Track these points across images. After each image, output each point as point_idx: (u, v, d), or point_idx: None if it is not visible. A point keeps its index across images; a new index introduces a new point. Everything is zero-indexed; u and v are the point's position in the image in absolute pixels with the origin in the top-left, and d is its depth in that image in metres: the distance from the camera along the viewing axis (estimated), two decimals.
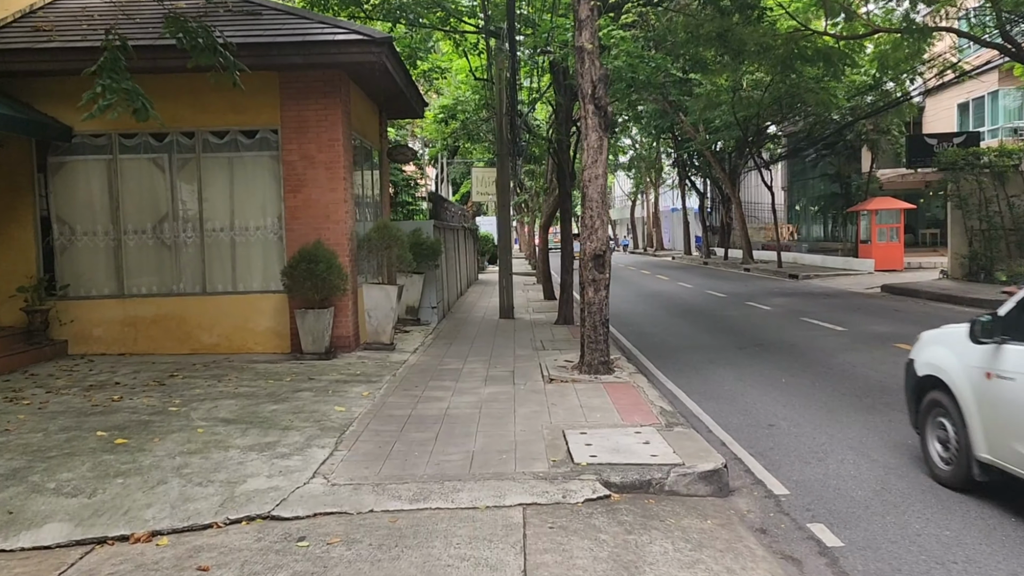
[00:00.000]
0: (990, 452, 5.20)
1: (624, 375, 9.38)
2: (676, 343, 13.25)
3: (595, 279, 9.36)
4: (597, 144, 9.29)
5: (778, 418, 7.94)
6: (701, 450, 6.13)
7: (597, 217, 9.35)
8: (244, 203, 11.31)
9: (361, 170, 13.15)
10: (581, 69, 9.25)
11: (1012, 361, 5.02)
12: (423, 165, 30.82)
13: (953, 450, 5.61)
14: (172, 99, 11.01)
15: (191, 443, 6.46)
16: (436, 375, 9.69)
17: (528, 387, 8.80)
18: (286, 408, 7.73)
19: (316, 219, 11.10)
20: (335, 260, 10.68)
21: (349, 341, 11.23)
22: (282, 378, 9.33)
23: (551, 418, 7.31)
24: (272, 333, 11.22)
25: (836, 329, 13.93)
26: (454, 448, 6.34)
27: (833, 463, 6.37)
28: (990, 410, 5.18)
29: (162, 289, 11.30)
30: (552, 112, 15.98)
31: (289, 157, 11.08)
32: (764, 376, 10.04)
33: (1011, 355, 5.04)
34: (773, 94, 26.84)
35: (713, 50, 18.58)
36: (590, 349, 9.37)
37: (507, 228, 16.72)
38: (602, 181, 9.35)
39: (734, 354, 11.78)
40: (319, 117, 11.02)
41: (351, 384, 9.00)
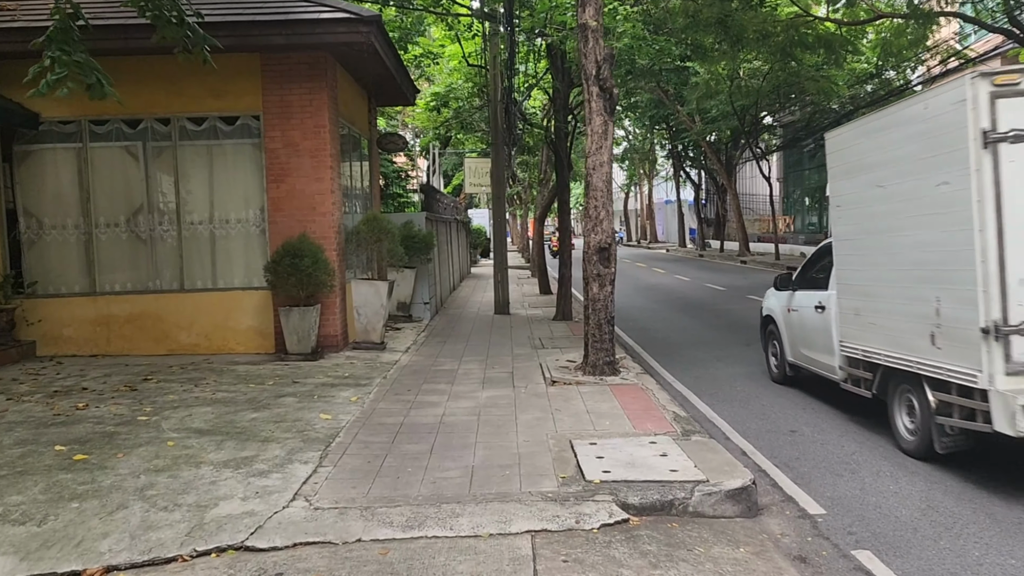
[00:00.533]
0: (792, 356, 8.79)
1: (631, 376, 8.78)
2: (680, 339, 12.67)
3: (600, 274, 8.76)
4: (601, 129, 8.67)
5: (799, 423, 7.36)
6: (725, 463, 5.54)
7: (602, 207, 8.73)
8: (224, 194, 10.64)
9: (349, 159, 12.48)
10: (584, 48, 8.61)
11: (797, 301, 8.69)
12: (414, 156, 30.11)
13: (778, 358, 9.12)
14: (146, 83, 10.34)
15: (159, 459, 5.82)
16: (430, 377, 9.07)
17: (529, 390, 8.19)
18: (267, 416, 7.09)
19: (301, 211, 10.44)
20: (321, 254, 10.03)
21: (337, 340, 10.59)
22: (264, 382, 8.69)
23: (556, 426, 6.71)
24: (255, 332, 10.57)
25: None
26: (451, 463, 5.73)
27: (868, 476, 5.79)
28: (789, 331, 8.82)
29: (137, 286, 10.62)
30: (549, 99, 15.34)
31: (272, 145, 10.41)
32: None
33: (798, 297, 8.70)
34: (772, 82, 26.25)
35: (712, 36, 17.97)
36: (594, 349, 8.77)
37: (502, 220, 16.09)
38: (607, 169, 8.73)
39: (742, 351, 11.21)
40: (303, 102, 10.35)
41: (338, 388, 8.37)
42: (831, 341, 7.63)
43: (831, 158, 7.68)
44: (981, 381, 5.27)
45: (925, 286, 5.93)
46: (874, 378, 6.86)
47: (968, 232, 5.31)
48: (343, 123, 11.61)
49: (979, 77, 5.25)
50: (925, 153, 5.86)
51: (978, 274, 5.25)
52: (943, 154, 5.62)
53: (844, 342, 7.32)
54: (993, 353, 5.18)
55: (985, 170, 5.23)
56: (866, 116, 7.12)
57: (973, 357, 5.33)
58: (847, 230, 7.35)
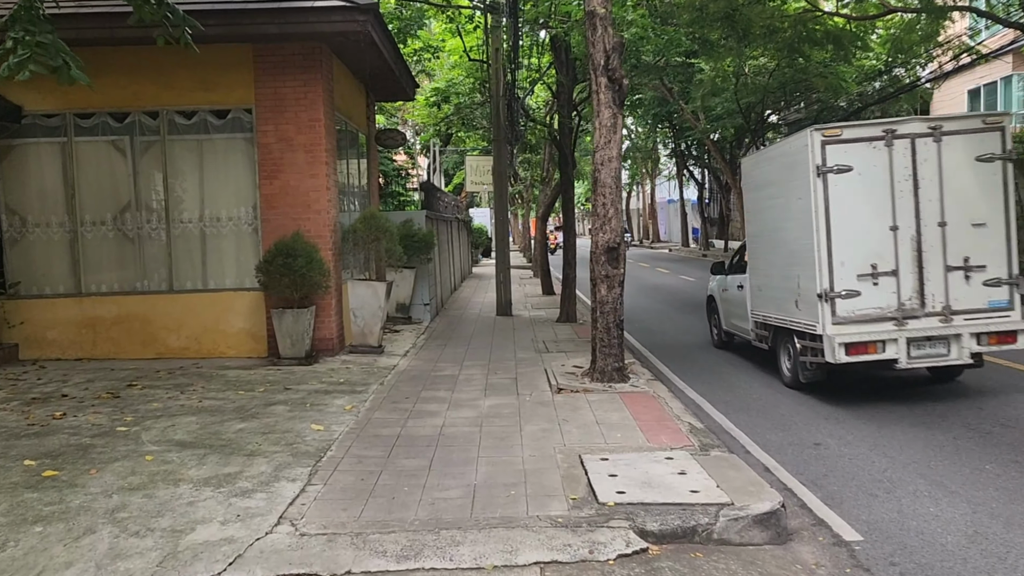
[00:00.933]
0: (725, 325, 11.14)
1: (641, 383, 8.33)
2: (689, 342, 12.21)
3: (608, 275, 8.30)
4: (610, 122, 8.21)
5: (823, 435, 6.91)
6: (750, 483, 5.08)
7: (611, 205, 8.28)
8: (215, 191, 10.19)
9: (346, 156, 12.03)
10: (592, 37, 8.16)
11: (728, 283, 11.04)
12: (415, 155, 29.65)
13: (718, 328, 11.58)
14: (133, 75, 9.90)
15: (135, 475, 5.37)
16: (429, 383, 8.62)
17: (534, 398, 7.74)
18: (255, 427, 6.64)
19: (295, 208, 9.99)
20: (316, 254, 9.58)
21: (332, 344, 10.14)
22: (254, 388, 8.23)
23: (564, 438, 6.26)
24: (247, 335, 10.12)
25: None
26: (452, 480, 5.27)
27: (905, 497, 5.33)
28: (723, 306, 11.25)
29: (124, 287, 10.17)
30: (553, 95, 14.87)
31: (265, 139, 9.96)
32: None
33: (728, 280, 11.00)
34: (779, 79, 25.78)
35: (719, 31, 17.53)
36: (603, 354, 8.32)
37: (504, 218, 15.64)
38: (616, 164, 8.28)
39: (756, 356, 10.74)
40: (298, 95, 9.90)
41: (333, 395, 7.92)
42: (747, 311, 9.99)
43: (744, 178, 10.52)
44: (819, 329, 7.75)
45: (793, 268, 8.32)
46: (769, 335, 9.28)
47: (811, 231, 7.75)
48: (339, 117, 11.16)
49: (815, 130, 7.73)
50: (790, 178, 8.34)
51: (816, 259, 7.72)
52: (798, 179, 8.07)
53: (753, 311, 9.77)
54: (825, 310, 7.68)
55: (819, 191, 7.68)
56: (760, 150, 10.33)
57: (815, 314, 7.80)
58: (753, 229, 9.86)
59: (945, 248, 7.62)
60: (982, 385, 8.36)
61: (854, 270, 7.62)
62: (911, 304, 7.59)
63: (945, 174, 7.60)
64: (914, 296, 7.59)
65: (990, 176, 7.68)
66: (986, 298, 7.67)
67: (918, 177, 7.59)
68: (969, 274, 7.64)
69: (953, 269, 7.63)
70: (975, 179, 7.65)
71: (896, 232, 7.59)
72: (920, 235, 7.60)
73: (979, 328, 7.61)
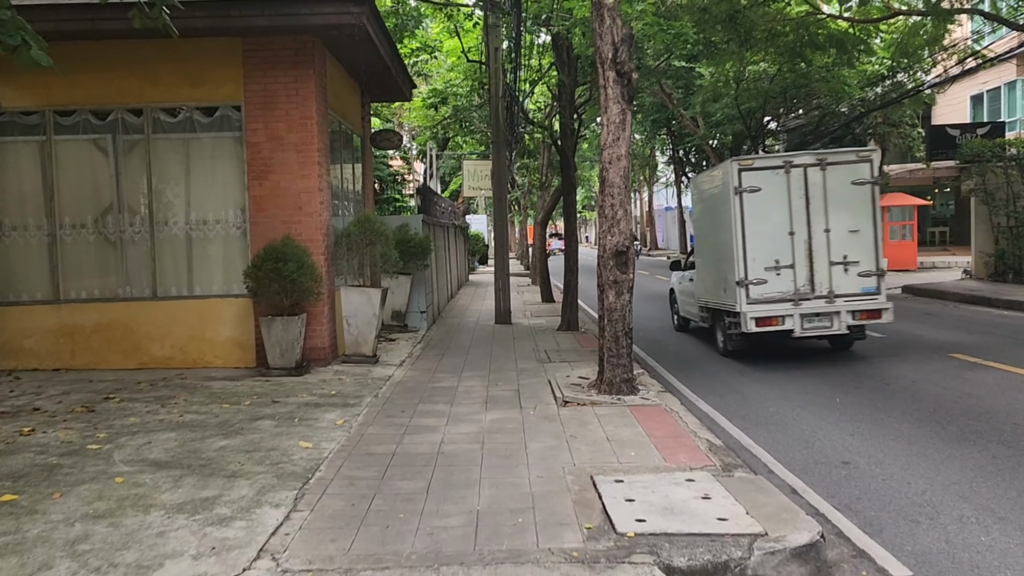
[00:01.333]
0: (682, 312, 13.52)
1: (651, 395, 7.84)
2: (696, 352, 11.73)
3: (616, 280, 7.82)
4: (619, 118, 7.75)
5: (851, 452, 6.42)
6: (782, 509, 4.60)
7: (619, 206, 7.81)
8: (202, 192, 9.71)
9: (340, 157, 11.57)
10: (600, 28, 7.71)
11: (683, 277, 13.27)
12: (411, 160, 29.19)
13: (677, 315, 13.92)
14: (116, 69, 9.44)
15: (102, 500, 4.87)
16: (427, 396, 8.13)
17: (539, 412, 7.25)
18: (238, 444, 6.14)
19: (286, 211, 9.51)
20: (307, 259, 9.10)
21: (324, 353, 9.64)
22: (240, 401, 7.73)
23: (573, 457, 5.77)
24: (234, 344, 9.62)
25: (873, 335, 12.44)
26: (452, 506, 4.78)
27: (951, 523, 4.85)
28: (679, 296, 13.57)
29: (105, 293, 9.67)
30: (553, 97, 14.44)
31: (254, 138, 9.49)
32: (811, 394, 8.54)
33: (684, 275, 13.17)
34: (780, 84, 25.40)
35: (721, 34, 17.16)
36: (611, 364, 7.83)
37: (504, 223, 15.18)
38: (625, 163, 7.82)
39: (767, 365, 10.28)
40: (289, 91, 9.43)
41: (323, 408, 7.42)
42: (693, 298, 12.44)
43: (692, 192, 14.03)
44: (738, 308, 10.02)
45: (722, 263, 10.57)
46: (709, 316, 11.67)
47: (732, 236, 10.04)
48: (333, 116, 10.69)
49: (734, 161, 10.16)
50: (720, 195, 10.69)
51: (736, 256, 10.00)
52: (725, 196, 10.35)
53: (699, 298, 12.06)
54: (742, 294, 9.97)
55: (737, 205, 10.01)
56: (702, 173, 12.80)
57: (736, 297, 10.06)
58: (698, 234, 12.36)
59: (829, 248, 10.01)
60: (1013, 401, 7.90)
61: (762, 264, 9.98)
62: (804, 289, 10.00)
63: (829, 194, 9.98)
64: (806, 283, 10.00)
65: (863, 195, 10.04)
66: (859, 285, 10.03)
67: (809, 196, 10.00)
68: (847, 267, 10.03)
69: (835, 264, 10.01)
70: (851, 197, 10.00)
71: (793, 236, 10.01)
72: (811, 238, 10.00)
73: (854, 307, 9.99)
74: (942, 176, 30.39)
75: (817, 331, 10.07)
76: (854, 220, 9.98)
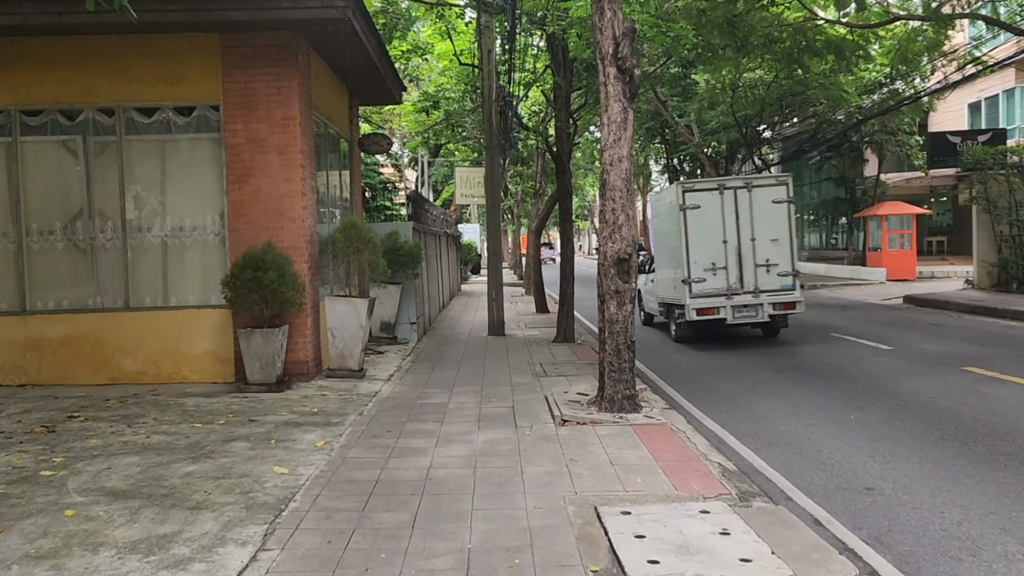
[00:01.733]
0: (647, 308, 15.50)
1: (655, 412, 7.34)
2: (698, 366, 11.24)
3: (618, 290, 7.34)
4: (620, 117, 7.28)
5: (873, 476, 5.93)
6: (811, 547, 4.11)
7: (621, 211, 7.33)
8: (178, 196, 9.20)
9: (326, 161, 11.07)
10: (600, 22, 7.25)
11: (649, 278, 14.98)
12: (402, 167, 28.70)
13: (643, 312, 15.69)
14: (86, 67, 8.93)
15: (47, 537, 4.33)
16: (415, 413, 7.60)
17: (536, 432, 6.74)
18: (207, 470, 5.60)
19: (267, 216, 9.00)
20: (289, 267, 8.58)
21: (307, 367, 9.11)
22: (214, 419, 7.19)
23: (574, 484, 5.26)
24: (212, 358, 9.08)
25: (880, 348, 11.99)
26: (440, 543, 4.26)
27: (996, 561, 4.35)
28: (644, 295, 15.47)
29: (74, 304, 9.13)
30: (548, 101, 13.99)
31: (233, 139, 8.98)
32: (824, 410, 8.06)
33: (647, 277, 15.05)
34: (777, 91, 25.06)
35: (718, 38, 16.79)
36: (612, 380, 7.33)
37: (497, 231, 14.69)
38: (627, 165, 7.34)
39: (772, 379, 9.81)
40: (270, 90, 8.94)
41: (304, 428, 6.89)
42: (655, 297, 14.31)
43: (652, 208, 16.30)
44: (684, 301, 12.17)
45: (673, 266, 12.65)
46: (666, 311, 13.53)
47: (680, 244, 12.16)
48: (318, 118, 10.20)
49: (679, 184, 12.62)
50: (669, 211, 12.89)
51: (683, 259, 12.13)
52: (673, 212, 12.53)
53: (658, 296, 14.00)
54: (686, 290, 12.10)
55: (682, 219, 12.14)
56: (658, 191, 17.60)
57: (683, 293, 12.17)
58: (656, 243, 14.45)
59: (755, 253, 12.29)
60: None
61: (702, 266, 12.13)
62: (735, 286, 12.22)
63: (754, 210, 12.27)
64: (737, 281, 12.23)
65: (781, 211, 12.36)
66: (779, 283, 12.33)
67: (738, 212, 12.26)
68: (768, 268, 12.33)
69: (759, 266, 12.30)
70: (772, 213, 12.31)
71: (726, 244, 12.25)
72: (740, 246, 12.26)
73: (774, 300, 12.32)
74: (939, 185, 30.11)
75: (745, 319, 12.40)
76: (774, 231, 12.33)
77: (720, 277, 12.14)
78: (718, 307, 12.10)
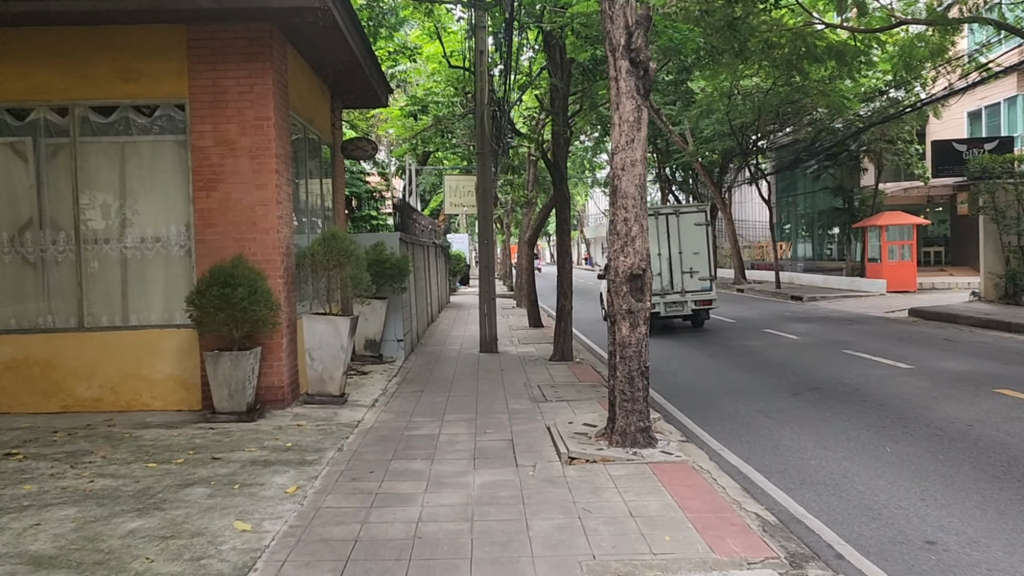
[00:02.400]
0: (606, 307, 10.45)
1: (672, 446, 6.52)
2: (707, 386, 10.45)
3: (631, 309, 6.53)
4: (633, 116, 6.50)
5: (930, 525, 5.13)
6: None
7: (634, 221, 6.53)
8: (139, 205, 8.34)
9: (305, 168, 10.23)
10: (611, 9, 6.47)
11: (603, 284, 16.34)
12: (389, 176, 27.84)
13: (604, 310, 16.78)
14: (37, 61, 8.06)
15: None
16: (402, 448, 6.75)
17: (540, 472, 5.90)
18: (153, 527, 4.73)
19: (238, 226, 8.15)
20: (261, 283, 7.73)
21: (283, 393, 8.25)
22: (173, 457, 6.32)
23: (591, 542, 4.43)
24: (176, 383, 8.20)
25: (898, 366, 11.25)
26: None
27: None
28: (604, 296, 16.29)
29: (22, 323, 8.23)
30: (542, 105, 13.22)
31: (201, 142, 8.13)
32: (855, 441, 7.27)
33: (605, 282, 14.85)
34: (775, 98, 24.45)
35: (718, 41, 16.17)
36: (624, 410, 6.51)
37: (489, 243, 13.89)
38: (641, 169, 6.55)
39: (791, 403, 9.02)
40: (242, 88, 8.10)
41: (273, 468, 6.02)
42: None
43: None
44: None
45: None
46: None
47: None
48: (296, 120, 9.37)
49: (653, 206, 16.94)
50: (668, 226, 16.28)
51: None
52: None
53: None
54: None
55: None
56: None
57: None
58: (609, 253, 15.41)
59: (682, 263, 15.68)
60: None
61: None
62: (667, 288, 15.60)
63: (681, 230, 15.71)
64: (668, 284, 15.62)
65: (701, 232, 15.84)
66: (700, 285, 15.69)
67: (669, 232, 15.70)
68: (692, 275, 15.69)
69: (685, 272, 15.65)
70: (694, 233, 15.77)
71: (660, 255, 15.53)
72: (671, 257, 15.68)
73: (696, 298, 15.76)
74: (936, 195, 29.61)
75: (675, 313, 16.05)
76: (696, 246, 15.92)
77: (656, 281, 14.98)
78: (655, 304, 15.10)
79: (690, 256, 15.74)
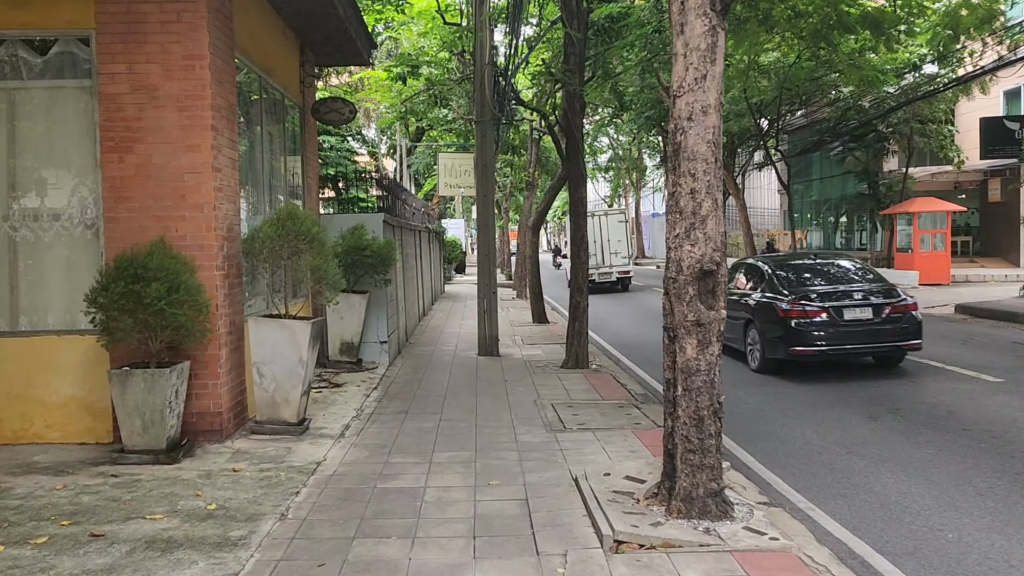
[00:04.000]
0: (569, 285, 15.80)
1: (758, 517, 4.56)
2: (754, 402, 8.50)
3: (699, 321, 4.54)
4: (706, 42, 4.50)
5: None
6: None
7: (705, 194, 4.54)
8: (30, 171, 6.33)
9: (263, 131, 8.21)
10: None
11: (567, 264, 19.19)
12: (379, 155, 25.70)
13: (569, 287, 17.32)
14: None
15: None
16: (372, 515, 4.77)
17: (573, 568, 3.94)
18: None
19: (160, 200, 6.15)
20: (187, 276, 5.74)
21: (220, 421, 6.26)
22: (34, 533, 4.34)
23: None
24: (79, 407, 6.21)
25: (984, 379, 9.31)
26: None
27: None
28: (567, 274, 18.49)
29: None
30: (555, 67, 11.17)
31: (112, 87, 6.11)
32: (987, 496, 5.33)
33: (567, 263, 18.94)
34: (800, 73, 22.40)
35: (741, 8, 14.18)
36: (689, 465, 4.55)
37: (490, 227, 11.91)
38: (715, 120, 4.57)
39: (874, 431, 7.08)
40: (166, 15, 6.08)
41: (176, 558, 4.05)
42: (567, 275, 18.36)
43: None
44: None
45: None
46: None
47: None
48: (248, 66, 7.35)
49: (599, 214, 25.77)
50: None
51: None
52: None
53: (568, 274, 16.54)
54: None
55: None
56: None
57: None
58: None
59: (610, 248, 24.95)
60: None
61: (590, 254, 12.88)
62: (600, 264, 24.24)
63: (610, 226, 25.07)
64: (601, 262, 24.36)
65: (623, 227, 25.75)
66: (624, 264, 25.09)
67: (602, 227, 24.74)
68: (616, 255, 25.02)
69: (612, 254, 24.95)
70: (619, 228, 25.44)
71: (595, 243, 23.40)
72: (603, 244, 24.72)
73: (619, 272, 24.94)
74: (966, 180, 27.64)
75: (605, 280, 24.16)
76: (619, 237, 25.07)
77: (595, 259, 22.57)
78: (594, 274, 21.08)
79: (616, 244, 24.92)
